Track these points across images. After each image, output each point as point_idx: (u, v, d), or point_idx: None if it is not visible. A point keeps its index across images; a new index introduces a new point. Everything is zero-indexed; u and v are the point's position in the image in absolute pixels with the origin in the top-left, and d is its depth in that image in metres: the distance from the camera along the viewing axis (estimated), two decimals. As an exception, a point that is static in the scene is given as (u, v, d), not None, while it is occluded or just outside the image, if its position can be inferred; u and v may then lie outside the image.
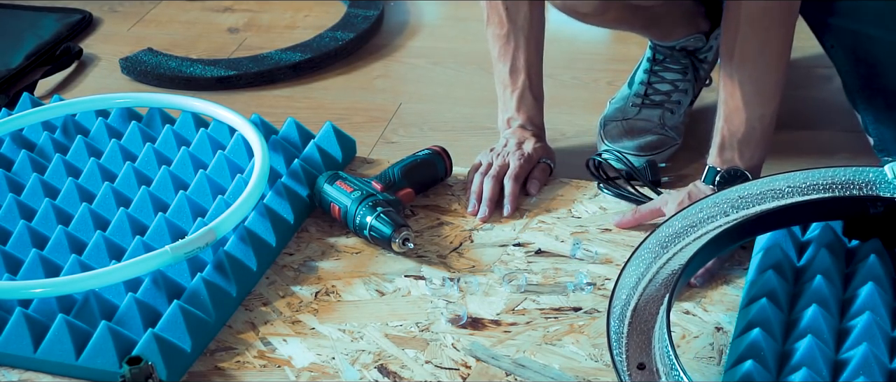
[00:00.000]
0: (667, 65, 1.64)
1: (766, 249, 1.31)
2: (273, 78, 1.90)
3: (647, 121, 1.60)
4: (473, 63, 1.91)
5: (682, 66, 1.64)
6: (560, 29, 2.04)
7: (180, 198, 1.46)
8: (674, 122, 1.60)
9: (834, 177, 1.33)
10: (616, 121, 1.61)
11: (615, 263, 1.38)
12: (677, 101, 1.62)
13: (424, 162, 1.53)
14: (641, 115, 1.61)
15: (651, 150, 1.57)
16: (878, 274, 1.26)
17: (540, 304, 1.33)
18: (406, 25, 2.06)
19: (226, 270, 1.35)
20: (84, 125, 1.68)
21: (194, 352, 1.27)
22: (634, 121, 1.60)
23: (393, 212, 1.42)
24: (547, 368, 1.24)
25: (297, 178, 1.52)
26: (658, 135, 1.58)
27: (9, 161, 1.61)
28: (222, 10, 2.18)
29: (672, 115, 1.61)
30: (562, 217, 1.48)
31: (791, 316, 1.24)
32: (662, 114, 1.60)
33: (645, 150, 1.57)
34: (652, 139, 1.58)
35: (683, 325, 1.28)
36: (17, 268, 1.39)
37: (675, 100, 1.62)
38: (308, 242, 1.47)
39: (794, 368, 1.14)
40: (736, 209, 1.32)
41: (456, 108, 1.78)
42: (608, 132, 1.60)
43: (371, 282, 1.39)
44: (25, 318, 1.28)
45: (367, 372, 1.25)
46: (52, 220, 1.46)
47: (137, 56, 1.96)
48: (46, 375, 1.27)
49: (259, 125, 1.62)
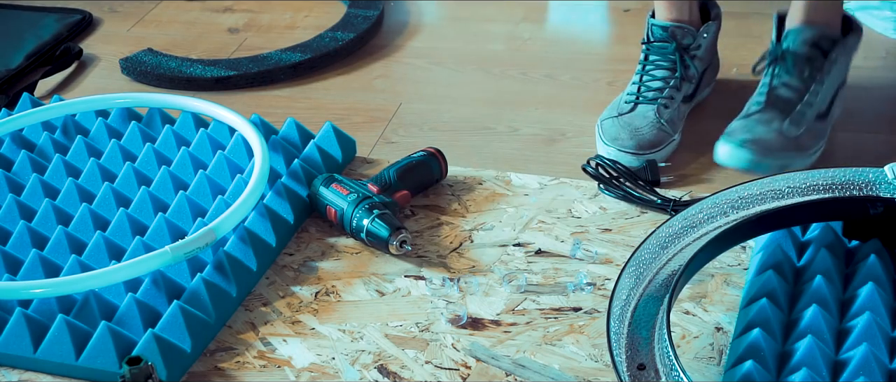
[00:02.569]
0: (657, 64, 1.65)
1: (766, 249, 1.32)
2: (273, 78, 1.89)
3: (642, 118, 1.60)
4: (473, 63, 1.91)
5: (671, 63, 1.64)
6: (560, 29, 2.05)
7: (180, 199, 1.46)
8: (668, 116, 1.61)
9: (834, 177, 1.33)
10: (612, 117, 1.62)
11: (615, 263, 1.38)
12: (670, 96, 1.63)
13: (419, 163, 1.53)
14: (637, 112, 1.61)
15: (649, 148, 1.57)
16: (878, 274, 1.26)
17: (540, 304, 1.33)
18: (406, 25, 2.06)
19: (226, 270, 1.35)
20: (84, 125, 1.68)
21: (194, 352, 1.27)
22: (630, 118, 1.61)
23: (389, 215, 1.42)
24: (547, 368, 1.24)
25: (297, 178, 1.52)
26: (654, 129, 1.59)
27: (9, 161, 1.61)
28: (222, 10, 2.18)
29: (666, 110, 1.61)
30: (562, 217, 1.48)
31: (791, 316, 1.24)
32: (658, 110, 1.61)
33: (644, 149, 1.57)
34: (649, 135, 1.58)
35: (683, 325, 1.28)
36: (17, 268, 1.39)
37: (668, 96, 1.63)
38: (308, 242, 1.47)
39: (794, 368, 1.14)
40: (736, 209, 1.32)
41: (456, 108, 1.78)
42: (606, 130, 1.60)
43: (371, 283, 1.39)
44: (25, 318, 1.28)
45: (367, 372, 1.25)
46: (52, 220, 1.46)
47: (137, 56, 1.96)
48: (46, 375, 1.27)
49: (259, 125, 1.62)
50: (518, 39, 1.99)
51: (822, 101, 1.53)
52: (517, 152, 1.65)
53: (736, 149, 1.48)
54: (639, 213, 1.48)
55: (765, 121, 1.50)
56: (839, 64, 1.54)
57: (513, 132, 1.70)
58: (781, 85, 1.53)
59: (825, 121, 1.54)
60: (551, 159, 1.62)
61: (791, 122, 1.50)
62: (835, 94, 1.56)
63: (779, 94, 1.52)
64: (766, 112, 1.52)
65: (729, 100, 1.72)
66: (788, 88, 1.53)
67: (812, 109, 1.51)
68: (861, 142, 1.61)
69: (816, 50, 1.53)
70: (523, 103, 1.78)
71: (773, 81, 1.53)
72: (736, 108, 1.59)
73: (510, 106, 1.78)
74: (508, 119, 1.74)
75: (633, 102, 1.63)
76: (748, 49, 1.87)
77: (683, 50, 1.65)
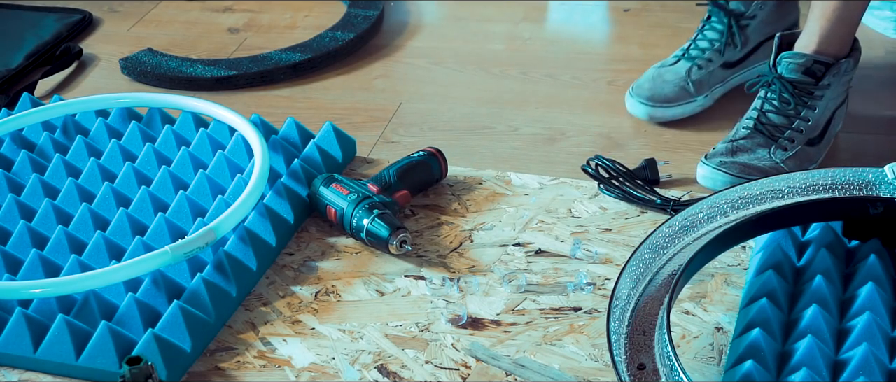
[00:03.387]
0: (712, 25, 1.70)
1: (766, 249, 1.32)
2: (273, 78, 1.89)
3: (674, 73, 1.66)
4: (473, 63, 1.91)
5: (723, 26, 1.69)
6: (560, 29, 2.05)
7: (180, 198, 1.46)
8: (697, 77, 1.64)
9: (834, 177, 1.33)
10: (654, 68, 1.69)
11: (615, 263, 1.38)
12: (708, 59, 1.66)
13: (420, 163, 1.53)
14: (674, 67, 1.67)
15: (662, 102, 1.62)
16: (878, 274, 1.26)
17: (540, 304, 1.33)
18: (406, 25, 2.06)
19: (226, 270, 1.35)
20: (84, 125, 1.68)
21: (194, 352, 1.27)
22: (666, 71, 1.67)
23: (389, 215, 1.42)
24: (547, 368, 1.24)
25: (297, 178, 1.52)
26: (676, 86, 1.62)
27: (9, 161, 1.61)
28: (222, 10, 2.18)
29: (699, 70, 1.64)
30: (562, 217, 1.48)
31: (791, 315, 1.24)
32: (690, 68, 1.63)
33: (657, 101, 1.63)
34: (667, 89, 1.63)
35: (683, 325, 1.28)
36: (17, 268, 1.39)
37: (707, 58, 1.66)
38: (308, 242, 1.47)
39: (794, 368, 1.14)
40: (736, 209, 1.32)
41: (456, 108, 1.78)
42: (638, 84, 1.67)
43: (371, 282, 1.39)
44: (25, 318, 1.28)
45: (367, 372, 1.25)
46: (52, 220, 1.46)
47: (137, 56, 1.96)
48: (46, 375, 1.27)
49: (259, 125, 1.62)
50: (518, 39, 1.99)
51: (814, 128, 1.52)
52: (517, 152, 1.65)
53: (713, 171, 1.48)
54: (639, 213, 1.48)
55: (749, 147, 1.50)
56: (833, 88, 1.54)
57: (513, 132, 1.70)
58: (771, 110, 1.53)
59: (817, 147, 1.53)
60: (551, 159, 1.62)
61: (778, 148, 1.49)
62: (830, 118, 1.56)
63: (767, 120, 1.52)
64: (752, 138, 1.51)
65: (737, 102, 1.72)
66: (777, 114, 1.52)
67: (802, 135, 1.51)
68: (861, 142, 1.61)
69: (808, 76, 1.52)
70: (523, 103, 1.78)
71: (764, 106, 1.53)
72: (741, 111, 1.59)
73: (510, 105, 1.78)
74: (508, 118, 1.74)
75: (677, 58, 1.68)
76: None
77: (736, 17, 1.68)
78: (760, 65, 1.71)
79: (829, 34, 1.52)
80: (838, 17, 1.51)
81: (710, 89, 1.67)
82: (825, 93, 1.53)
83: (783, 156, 1.49)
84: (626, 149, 1.63)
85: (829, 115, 1.54)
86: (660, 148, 1.63)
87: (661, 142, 1.64)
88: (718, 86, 1.68)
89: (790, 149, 1.50)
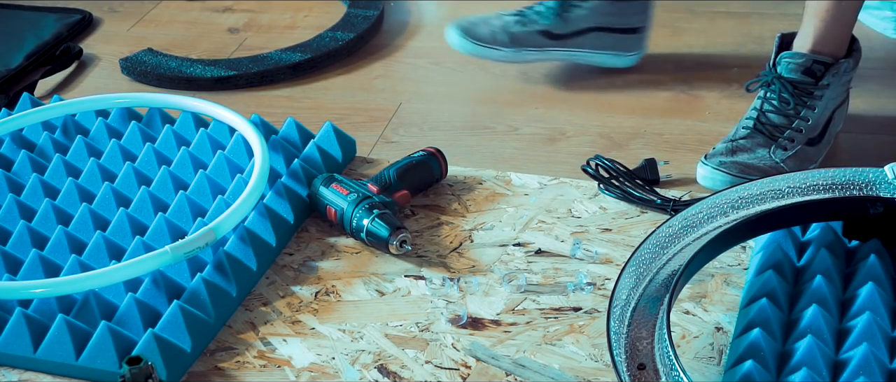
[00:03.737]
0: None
1: (766, 249, 1.32)
2: (273, 78, 1.89)
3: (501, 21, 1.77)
4: (473, 63, 1.91)
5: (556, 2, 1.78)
6: (560, 29, 2.04)
7: (180, 198, 1.46)
8: (515, 31, 1.75)
9: (834, 177, 1.33)
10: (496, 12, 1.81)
11: (615, 263, 1.38)
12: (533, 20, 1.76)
13: (420, 163, 1.53)
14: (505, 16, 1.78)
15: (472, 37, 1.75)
16: (878, 274, 1.26)
17: (540, 304, 1.33)
18: (406, 25, 2.06)
19: (226, 270, 1.35)
20: (84, 125, 1.68)
21: (194, 352, 1.27)
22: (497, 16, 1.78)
23: (389, 215, 1.42)
24: (547, 368, 1.24)
25: (297, 178, 1.52)
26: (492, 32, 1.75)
27: (9, 161, 1.61)
28: (222, 10, 2.18)
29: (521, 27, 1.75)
30: (562, 217, 1.48)
31: (791, 315, 1.24)
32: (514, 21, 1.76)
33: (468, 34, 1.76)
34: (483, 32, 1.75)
35: (683, 325, 1.28)
36: (17, 268, 1.39)
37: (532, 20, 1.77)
38: (308, 242, 1.47)
39: (794, 368, 1.14)
40: (736, 209, 1.32)
41: (456, 108, 1.78)
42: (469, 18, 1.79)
43: (371, 282, 1.39)
44: (25, 318, 1.28)
45: (367, 372, 1.25)
46: (52, 220, 1.46)
47: (137, 56, 1.96)
48: (46, 375, 1.27)
49: (259, 125, 1.62)
50: (518, 39, 1.98)
51: (813, 128, 1.52)
52: (517, 152, 1.65)
53: (713, 171, 1.48)
54: (639, 213, 1.47)
55: (749, 146, 1.50)
56: (833, 88, 1.53)
57: (513, 132, 1.70)
58: (770, 110, 1.53)
59: (817, 147, 1.53)
60: (551, 159, 1.62)
61: (778, 148, 1.49)
62: (830, 118, 1.55)
63: (766, 120, 1.52)
64: (752, 137, 1.51)
65: (734, 102, 1.72)
66: (777, 114, 1.52)
67: (801, 135, 1.51)
68: (861, 142, 1.61)
69: (808, 76, 1.52)
70: (523, 103, 1.78)
71: (764, 106, 1.53)
72: (742, 110, 1.59)
73: (510, 105, 1.78)
74: (508, 118, 1.74)
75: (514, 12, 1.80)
76: (748, 49, 1.87)
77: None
78: (582, 52, 1.77)
79: (824, 34, 1.52)
80: (832, 17, 1.51)
81: (523, 49, 1.75)
82: (825, 93, 1.53)
83: (783, 155, 1.49)
84: (626, 149, 1.63)
85: (828, 115, 1.54)
86: (660, 148, 1.63)
87: (661, 142, 1.64)
88: (534, 50, 1.75)
89: (790, 148, 1.50)
